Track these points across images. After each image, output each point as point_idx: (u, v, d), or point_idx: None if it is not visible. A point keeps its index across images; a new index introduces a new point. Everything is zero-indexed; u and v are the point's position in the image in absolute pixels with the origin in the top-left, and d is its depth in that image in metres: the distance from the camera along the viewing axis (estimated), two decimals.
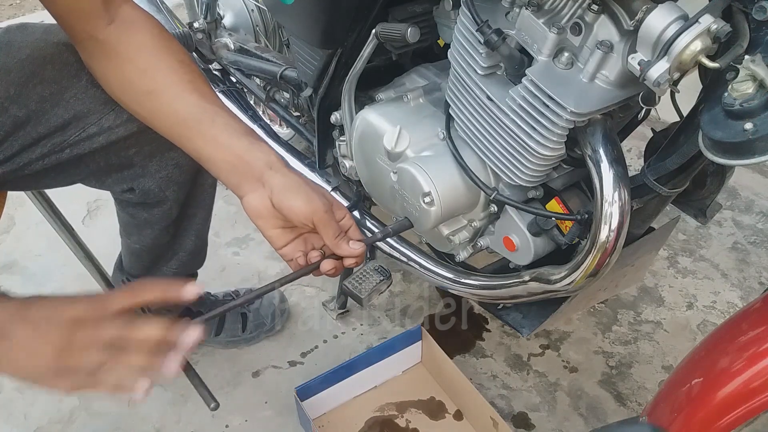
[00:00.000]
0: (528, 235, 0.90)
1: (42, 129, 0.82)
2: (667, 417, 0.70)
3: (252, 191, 0.74)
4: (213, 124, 0.75)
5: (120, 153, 0.90)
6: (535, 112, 0.76)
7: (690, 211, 0.91)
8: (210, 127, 0.75)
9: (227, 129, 0.75)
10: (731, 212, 1.73)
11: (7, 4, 2.73)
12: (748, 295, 1.53)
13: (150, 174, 0.94)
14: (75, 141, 0.84)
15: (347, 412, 1.28)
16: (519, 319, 1.05)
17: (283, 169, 0.74)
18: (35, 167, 0.85)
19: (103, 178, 0.95)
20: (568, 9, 0.74)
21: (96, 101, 0.84)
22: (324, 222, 0.73)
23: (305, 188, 0.73)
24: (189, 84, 0.76)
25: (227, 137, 0.74)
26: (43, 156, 0.84)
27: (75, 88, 0.83)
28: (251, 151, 0.74)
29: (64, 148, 0.85)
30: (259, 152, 0.74)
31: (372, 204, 1.19)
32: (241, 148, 0.74)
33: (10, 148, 0.82)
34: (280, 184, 0.72)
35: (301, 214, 0.72)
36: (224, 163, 0.74)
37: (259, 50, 1.40)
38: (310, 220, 0.72)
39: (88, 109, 0.83)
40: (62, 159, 0.86)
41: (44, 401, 1.31)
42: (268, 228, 0.75)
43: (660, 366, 1.38)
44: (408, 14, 0.99)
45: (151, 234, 1.07)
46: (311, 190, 0.73)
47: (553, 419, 1.29)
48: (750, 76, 0.59)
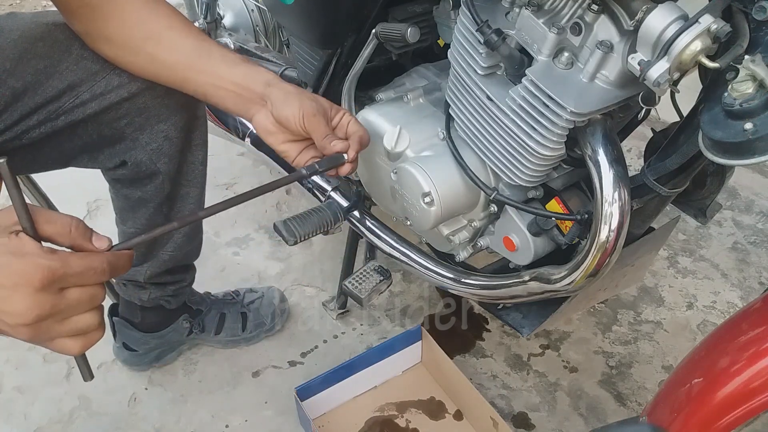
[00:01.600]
0: (528, 235, 0.90)
1: (39, 99, 0.86)
2: (667, 417, 0.70)
3: (257, 111, 0.82)
4: (210, 58, 0.81)
5: (112, 124, 0.93)
6: (535, 112, 0.76)
7: (690, 211, 0.91)
8: (208, 62, 0.81)
9: (225, 60, 0.82)
10: (731, 212, 1.73)
11: (6, 5, 2.73)
12: (748, 295, 1.53)
13: (141, 146, 0.97)
14: (69, 107, 0.88)
15: (347, 412, 1.28)
16: (519, 319, 1.05)
17: (280, 84, 0.81)
18: (33, 135, 0.88)
19: (95, 154, 0.98)
20: (568, 9, 0.74)
21: (87, 72, 0.88)
22: (312, 125, 0.79)
23: (298, 97, 0.79)
24: (184, 26, 0.83)
25: (226, 68, 0.81)
26: (40, 123, 0.88)
27: (67, 61, 0.87)
28: (249, 74, 0.81)
29: (59, 115, 0.88)
30: (256, 74, 0.81)
31: (372, 204, 1.19)
32: (239, 75, 0.81)
33: (9, 117, 0.86)
34: (278, 98, 0.79)
35: (293, 120, 0.78)
36: (228, 93, 0.82)
37: (259, 50, 1.40)
38: (302, 125, 0.78)
39: (80, 79, 0.87)
40: (57, 126, 0.89)
41: (44, 401, 1.31)
42: (278, 143, 0.83)
43: (660, 366, 1.38)
44: (408, 14, 0.99)
45: (145, 214, 1.08)
46: (304, 97, 0.80)
47: (553, 419, 1.29)
48: (750, 76, 0.59)
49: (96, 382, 1.35)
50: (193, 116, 1.01)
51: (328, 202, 1.16)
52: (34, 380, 1.34)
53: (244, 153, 1.85)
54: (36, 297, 0.53)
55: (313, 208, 1.11)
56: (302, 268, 1.58)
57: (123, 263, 0.60)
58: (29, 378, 1.35)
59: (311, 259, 1.60)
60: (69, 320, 0.57)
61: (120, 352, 1.34)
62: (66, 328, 0.57)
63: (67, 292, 0.55)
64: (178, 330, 1.32)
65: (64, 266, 0.54)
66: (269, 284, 1.52)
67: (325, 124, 0.80)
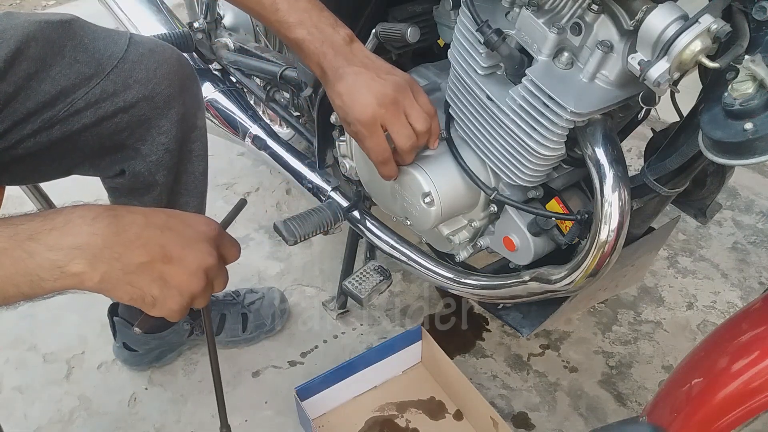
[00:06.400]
0: (528, 235, 0.90)
1: (31, 105, 0.85)
2: (667, 417, 0.70)
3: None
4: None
5: (113, 137, 0.93)
6: (535, 112, 0.76)
7: (690, 211, 0.91)
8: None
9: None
10: (731, 212, 1.73)
11: (6, 4, 2.73)
12: (748, 295, 1.53)
13: (141, 157, 0.97)
14: (64, 116, 0.87)
15: (347, 412, 1.28)
16: (519, 319, 1.05)
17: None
18: (28, 145, 0.88)
19: (97, 162, 0.98)
20: (568, 9, 0.74)
21: (81, 76, 0.87)
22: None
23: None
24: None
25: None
26: (35, 132, 0.87)
27: (59, 65, 0.86)
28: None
29: (54, 124, 0.87)
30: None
31: (372, 204, 1.19)
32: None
33: (1, 124, 0.85)
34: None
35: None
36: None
37: (259, 50, 1.40)
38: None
39: (74, 84, 0.86)
40: (54, 137, 0.88)
41: (44, 401, 1.31)
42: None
43: (660, 366, 1.38)
44: (408, 14, 0.99)
45: None
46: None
47: (553, 419, 1.29)
48: (750, 76, 0.59)
49: (96, 382, 1.35)
50: (193, 127, 1.01)
51: (328, 202, 1.17)
52: (34, 380, 1.34)
53: (244, 153, 1.85)
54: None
55: (313, 208, 1.11)
56: (302, 268, 1.58)
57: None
58: (29, 378, 1.35)
59: (311, 259, 1.60)
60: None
61: (120, 352, 1.34)
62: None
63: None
64: (178, 331, 1.32)
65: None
66: (269, 284, 1.52)
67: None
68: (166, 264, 0.61)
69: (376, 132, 0.82)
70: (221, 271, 0.67)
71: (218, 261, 0.65)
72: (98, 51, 0.88)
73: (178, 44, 1.41)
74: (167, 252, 0.61)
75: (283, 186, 1.78)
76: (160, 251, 0.61)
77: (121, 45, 0.90)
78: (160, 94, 0.93)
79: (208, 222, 0.67)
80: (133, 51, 0.90)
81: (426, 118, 0.82)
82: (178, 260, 0.62)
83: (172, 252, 0.61)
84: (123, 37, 0.91)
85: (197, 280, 0.63)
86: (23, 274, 0.56)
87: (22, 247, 0.56)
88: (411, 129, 0.82)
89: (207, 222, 0.67)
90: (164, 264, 0.61)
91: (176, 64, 0.96)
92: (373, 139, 0.82)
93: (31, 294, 0.58)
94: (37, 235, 0.56)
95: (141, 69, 0.90)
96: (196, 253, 0.63)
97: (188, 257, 0.62)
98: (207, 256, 0.64)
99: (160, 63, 0.93)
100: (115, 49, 0.89)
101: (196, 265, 0.63)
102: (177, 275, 0.62)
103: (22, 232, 0.56)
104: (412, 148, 0.84)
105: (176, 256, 0.62)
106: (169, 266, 0.61)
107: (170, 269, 0.61)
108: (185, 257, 0.62)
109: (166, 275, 0.61)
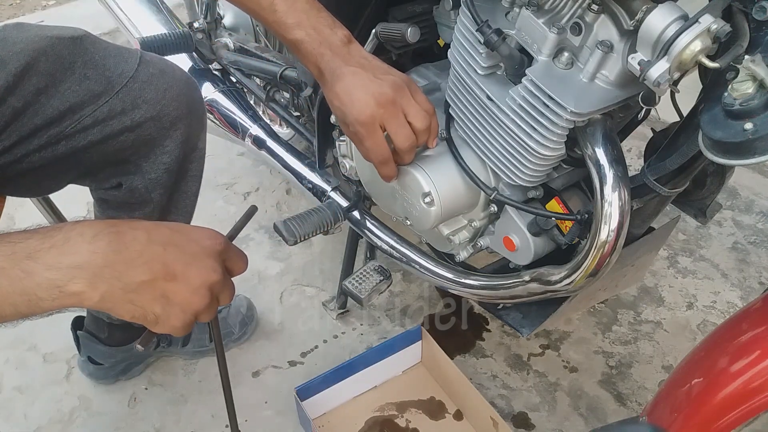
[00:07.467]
0: (528, 235, 0.90)
1: (39, 120, 0.84)
2: (667, 417, 0.70)
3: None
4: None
5: (117, 153, 0.92)
6: (535, 112, 0.76)
7: (690, 211, 0.91)
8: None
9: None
10: (731, 212, 1.73)
11: (6, 4, 2.73)
12: (748, 295, 1.53)
13: (141, 173, 0.96)
14: (71, 132, 0.86)
15: (347, 412, 1.28)
16: (519, 319, 1.05)
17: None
18: (33, 159, 0.87)
19: (96, 172, 0.97)
20: (568, 9, 0.74)
21: (90, 93, 0.86)
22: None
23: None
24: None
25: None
26: (41, 147, 0.86)
27: (69, 81, 0.85)
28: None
29: (60, 140, 0.87)
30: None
31: (372, 204, 1.19)
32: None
33: (8, 138, 0.84)
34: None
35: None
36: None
37: (259, 50, 1.40)
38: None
39: (83, 101, 0.86)
40: (58, 152, 0.87)
41: (44, 401, 1.31)
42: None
43: (660, 366, 1.38)
44: (408, 14, 0.99)
45: None
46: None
47: (553, 419, 1.29)
48: (750, 76, 0.59)
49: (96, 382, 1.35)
50: (194, 148, 1.01)
51: (328, 202, 1.17)
52: (34, 380, 1.34)
53: (244, 153, 1.84)
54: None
55: (313, 208, 1.11)
56: (302, 268, 1.58)
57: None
58: (29, 378, 1.35)
59: (311, 259, 1.60)
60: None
61: (85, 365, 1.32)
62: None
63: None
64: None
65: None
66: (270, 284, 1.52)
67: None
68: (168, 282, 0.60)
69: (375, 132, 0.81)
70: (226, 285, 0.66)
71: (223, 276, 0.64)
72: (108, 69, 0.87)
73: (178, 44, 1.41)
74: (170, 269, 0.60)
75: (283, 186, 1.78)
76: (162, 269, 0.59)
77: (132, 63, 0.89)
78: (167, 116, 0.92)
79: (213, 236, 0.66)
80: (143, 71, 0.89)
81: (425, 115, 0.82)
82: (181, 277, 0.60)
83: (175, 269, 0.60)
84: (133, 55, 0.90)
85: (200, 297, 0.62)
86: (21, 293, 0.55)
87: (20, 266, 0.54)
88: (410, 128, 0.82)
89: (212, 236, 0.66)
90: (167, 282, 0.60)
91: (185, 86, 0.95)
92: (372, 139, 0.82)
93: (28, 313, 0.56)
94: (35, 253, 0.55)
95: (150, 89, 0.90)
96: (200, 270, 0.62)
97: (191, 274, 0.61)
98: (211, 272, 0.62)
99: (170, 84, 0.92)
100: (125, 67, 0.88)
101: (199, 282, 0.61)
102: (180, 293, 0.61)
103: (20, 250, 0.55)
104: (411, 148, 0.84)
105: (179, 274, 0.60)
106: (172, 284, 0.60)
107: (173, 287, 0.60)
108: (188, 274, 0.61)
109: (169, 293, 0.60)
